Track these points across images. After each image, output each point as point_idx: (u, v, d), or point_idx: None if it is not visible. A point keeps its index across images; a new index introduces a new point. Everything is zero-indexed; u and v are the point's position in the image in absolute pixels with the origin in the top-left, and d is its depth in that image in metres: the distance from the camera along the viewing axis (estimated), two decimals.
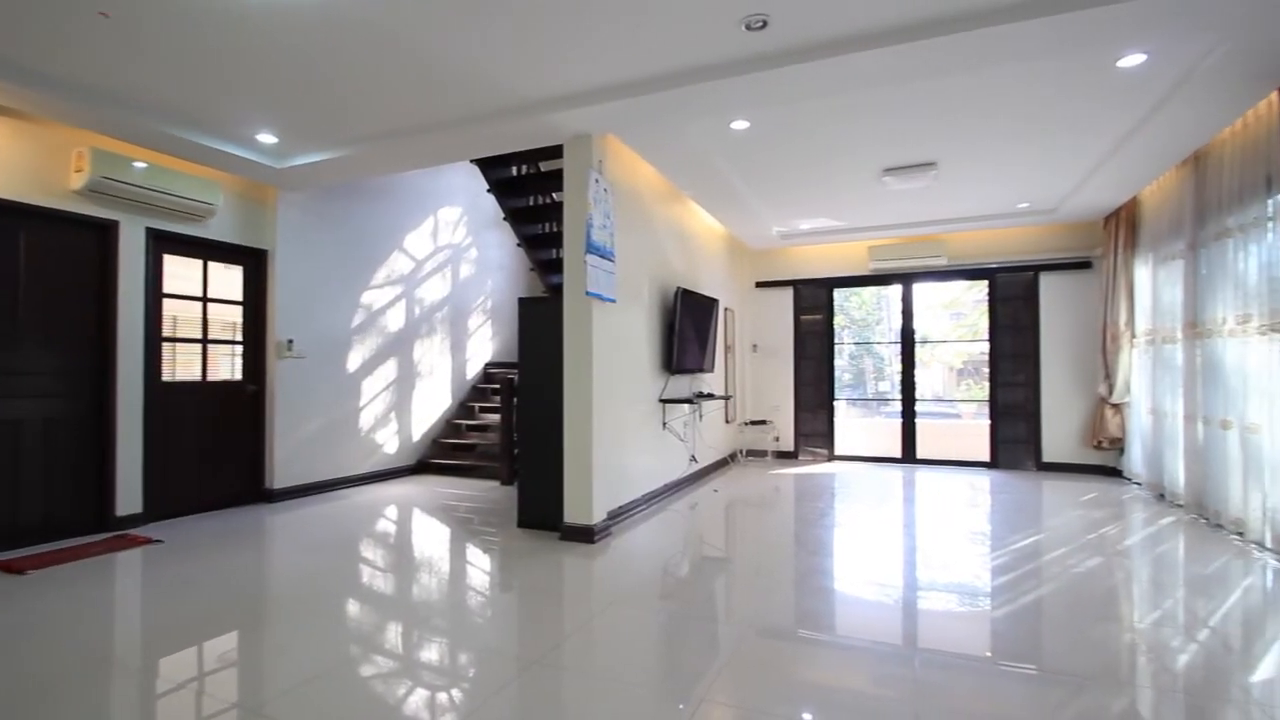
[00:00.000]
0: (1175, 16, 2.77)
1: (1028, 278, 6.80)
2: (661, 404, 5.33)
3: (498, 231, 7.87)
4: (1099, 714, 2.04)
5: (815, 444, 7.71)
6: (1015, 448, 6.88)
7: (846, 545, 4.06)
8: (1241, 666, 2.37)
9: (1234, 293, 4.07)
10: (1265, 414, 3.74)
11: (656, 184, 5.28)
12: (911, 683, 2.24)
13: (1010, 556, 3.74)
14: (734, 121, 4.07)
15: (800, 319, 7.80)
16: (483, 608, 3.07)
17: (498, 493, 5.69)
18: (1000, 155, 4.71)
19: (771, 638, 2.64)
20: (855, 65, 3.19)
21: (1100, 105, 3.83)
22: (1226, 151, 4.14)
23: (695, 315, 5.67)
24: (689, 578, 3.50)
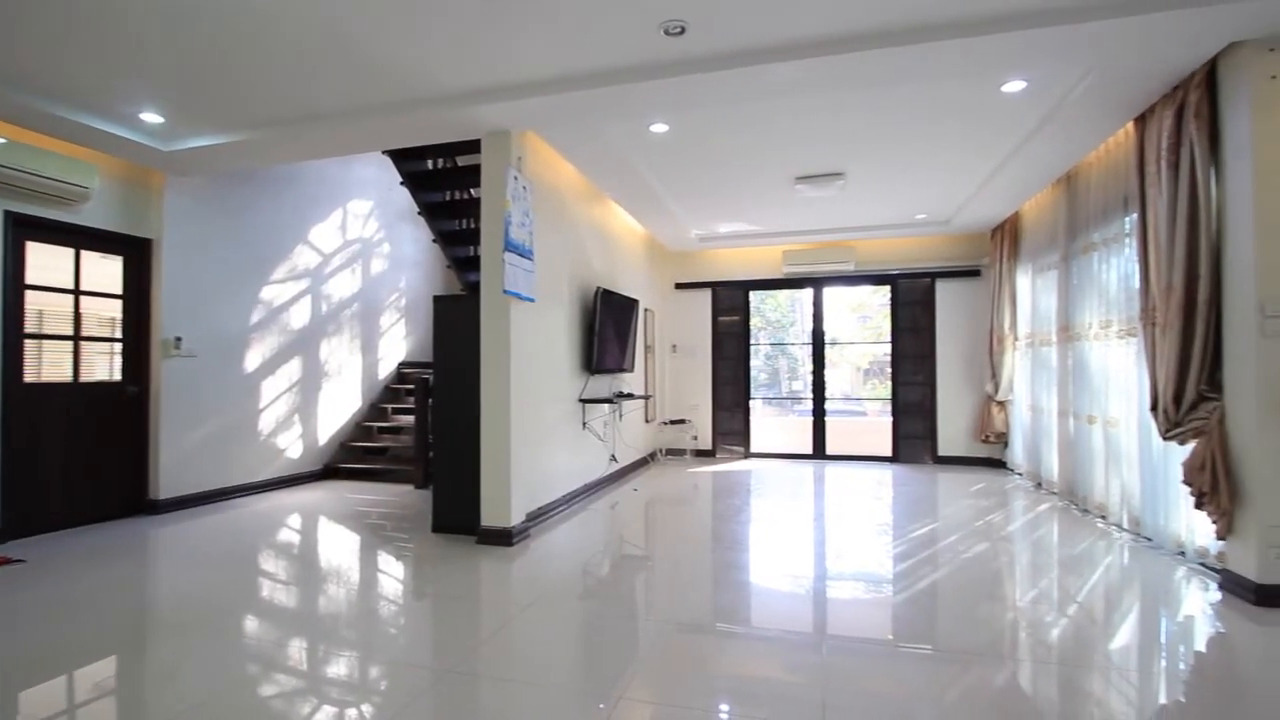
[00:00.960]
0: (1047, 49, 3.05)
1: (926, 284, 7.28)
2: (581, 404, 5.32)
3: (412, 226, 7.59)
4: (984, 687, 2.21)
5: (732, 442, 7.92)
6: (914, 443, 7.35)
7: (761, 539, 4.20)
8: (1103, 636, 2.64)
9: (1098, 301, 4.53)
10: (1123, 410, 4.19)
11: (577, 183, 5.26)
12: (820, 669, 2.35)
13: (909, 545, 3.99)
14: (653, 124, 4.12)
15: (718, 320, 8.00)
16: (394, 617, 2.95)
17: (412, 497, 5.49)
18: (901, 168, 5.02)
19: (690, 632, 2.69)
20: (769, 75, 3.31)
21: (988, 126, 4.16)
22: (1092, 174, 4.60)
23: (616, 315, 5.69)
24: (609, 576, 3.52)
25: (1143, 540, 3.95)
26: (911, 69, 3.25)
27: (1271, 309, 2.92)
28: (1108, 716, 2.04)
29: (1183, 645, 2.62)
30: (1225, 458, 3.10)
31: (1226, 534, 3.12)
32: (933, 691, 2.18)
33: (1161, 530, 3.78)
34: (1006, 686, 2.23)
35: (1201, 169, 3.19)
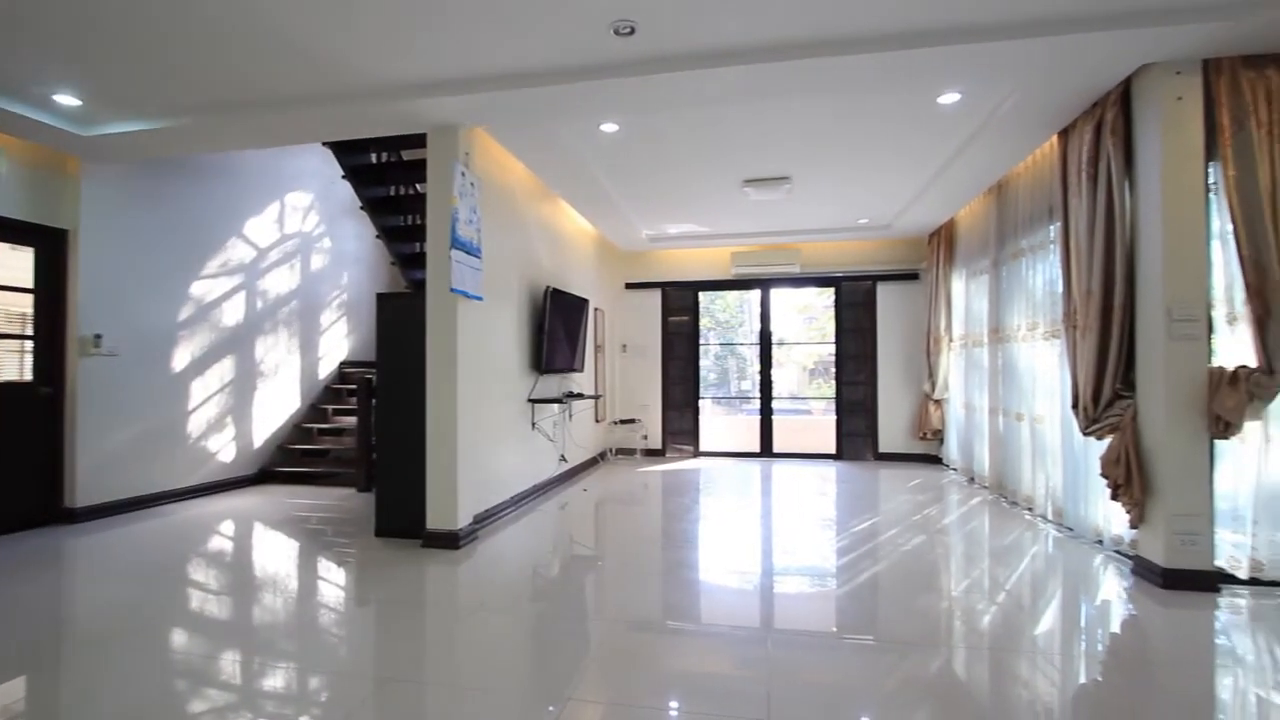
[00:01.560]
0: (978, 64, 3.20)
1: (868, 286, 7.52)
2: (531, 404, 5.27)
3: (355, 221, 7.35)
4: (922, 673, 2.31)
5: (682, 441, 8.00)
6: (857, 440, 7.58)
7: (710, 537, 4.26)
8: (1030, 621, 2.79)
9: (1026, 304, 4.78)
10: (1048, 407, 4.43)
11: (527, 181, 5.21)
12: (766, 662, 2.40)
13: (851, 539, 4.12)
14: (604, 124, 4.12)
15: (668, 320, 8.06)
16: (335, 625, 2.86)
17: (354, 501, 5.32)
18: (844, 173, 5.17)
19: (641, 630, 2.71)
20: (717, 80, 3.35)
21: (925, 135, 4.33)
22: (1021, 183, 4.85)
23: (566, 315, 5.66)
24: (558, 578, 3.50)
25: (1065, 530, 4.19)
26: (853, 78, 3.35)
27: (1178, 314, 3.15)
28: (1034, 697, 2.16)
29: (1100, 628, 2.80)
30: (1137, 452, 3.32)
31: (1139, 523, 3.34)
32: (873, 680, 2.26)
33: (1082, 520, 4.02)
34: (941, 672, 2.33)
35: (1117, 182, 3.41)
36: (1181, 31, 2.89)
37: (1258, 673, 2.35)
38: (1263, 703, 2.14)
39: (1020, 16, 2.88)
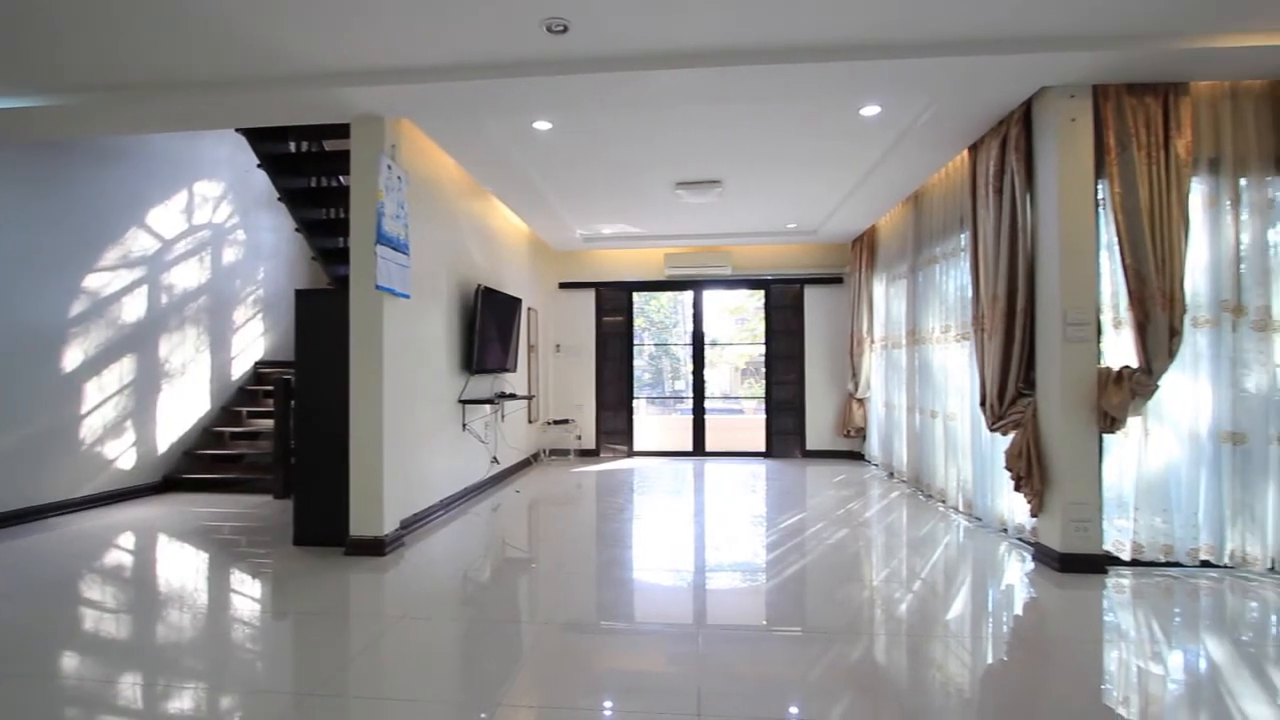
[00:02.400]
0: (895, 79, 3.38)
1: (796, 289, 7.77)
2: (461, 405, 5.15)
3: (272, 213, 6.97)
4: (844, 660, 2.41)
5: (616, 441, 8.02)
6: (786, 438, 7.82)
7: (644, 535, 4.29)
8: (943, 608, 2.96)
9: (939, 308, 5.07)
10: (960, 405, 4.72)
11: (458, 177, 5.09)
12: (697, 657, 2.44)
13: (779, 535, 4.24)
14: (537, 121, 4.08)
15: (602, 320, 8.06)
16: (250, 640, 2.70)
17: (270, 508, 5.05)
18: (774, 179, 5.32)
19: (574, 632, 2.70)
20: (650, 82, 3.38)
21: (849, 145, 4.52)
22: (935, 194, 5.14)
23: (498, 314, 5.57)
24: (490, 581, 3.44)
25: (975, 520, 4.47)
26: (781, 87, 3.46)
27: (1072, 318, 3.42)
28: (946, 678, 2.29)
29: (1004, 611, 3.00)
30: (1037, 446, 3.58)
31: (1038, 512, 3.61)
32: (799, 670, 2.34)
33: (989, 511, 4.30)
34: (863, 659, 2.44)
35: (1019, 195, 3.66)
36: (1073, 58, 3.14)
37: (1138, 645, 2.58)
38: (1142, 672, 2.36)
39: (933, 36, 3.05)
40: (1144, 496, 3.49)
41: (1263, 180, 3.45)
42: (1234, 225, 3.44)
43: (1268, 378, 3.41)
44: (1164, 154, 3.32)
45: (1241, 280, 3.43)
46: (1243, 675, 2.29)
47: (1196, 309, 3.42)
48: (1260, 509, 3.40)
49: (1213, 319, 3.43)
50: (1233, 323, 3.42)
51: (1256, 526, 3.41)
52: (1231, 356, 3.42)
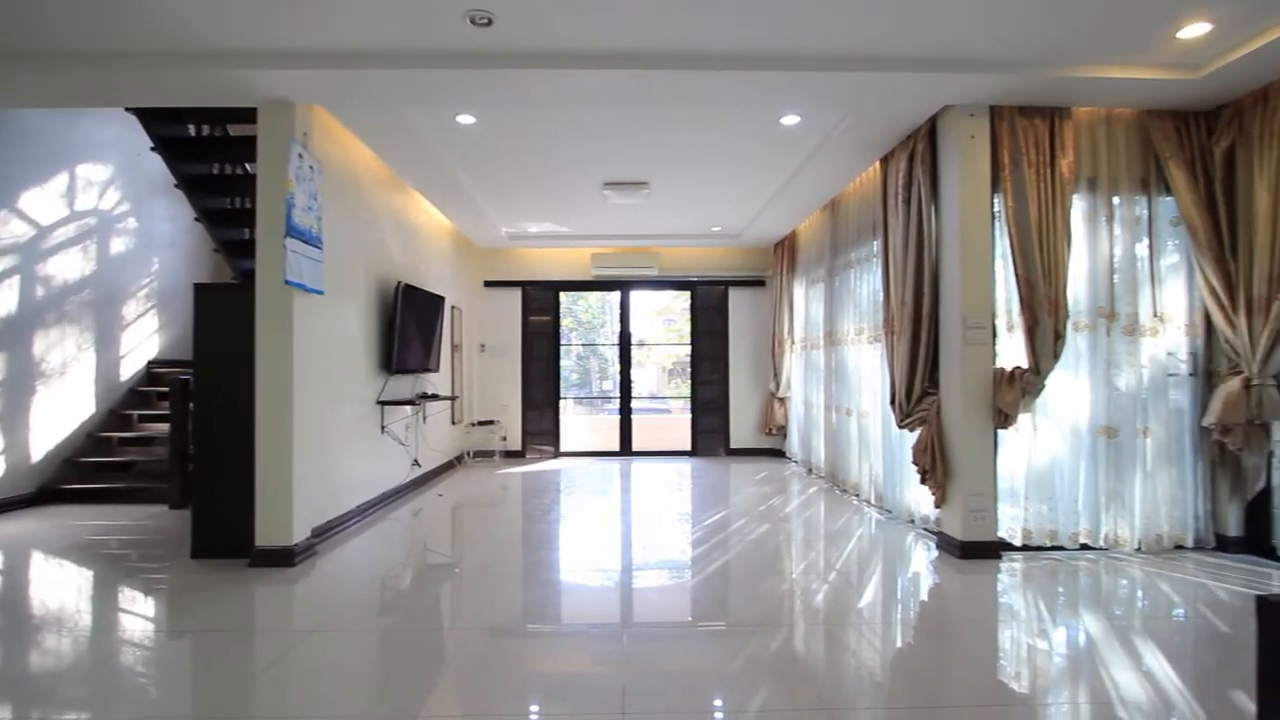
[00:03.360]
0: (812, 91, 3.52)
1: (721, 291, 7.95)
2: (380, 406, 4.96)
3: (168, 201, 6.45)
4: (765, 652, 2.49)
5: (542, 442, 7.93)
6: (711, 437, 7.98)
7: (570, 536, 4.27)
8: (856, 597, 3.11)
9: (854, 311, 5.32)
10: (872, 404, 4.97)
11: (377, 170, 4.89)
12: (622, 656, 2.45)
13: (703, 531, 4.33)
14: (460, 115, 3.98)
15: (529, 320, 7.96)
16: (142, 663, 2.49)
17: (166, 519, 4.68)
18: (699, 183, 5.42)
19: (499, 636, 2.65)
20: (576, 81, 3.38)
21: (771, 152, 4.66)
22: (850, 202, 5.39)
23: (419, 312, 5.40)
24: (411, 588, 3.33)
25: (885, 513, 4.72)
26: (701, 93, 3.53)
27: (971, 322, 3.67)
28: (860, 664, 2.41)
29: (911, 597, 3.18)
30: (941, 441, 3.82)
31: (942, 503, 3.85)
32: (721, 663, 2.40)
33: (898, 504, 4.55)
34: (782, 649, 2.53)
35: (925, 206, 3.90)
36: (973, 79, 3.37)
37: (1027, 623, 2.81)
38: (1031, 648, 2.56)
39: (848, 52, 3.21)
40: (1033, 486, 3.80)
41: (1132, 199, 3.83)
42: (1109, 239, 3.80)
43: (1136, 377, 3.79)
44: (1050, 172, 3.62)
45: (1115, 289, 3.79)
46: (1114, 646, 2.54)
47: (1077, 314, 3.75)
48: (1129, 496, 3.77)
49: (1091, 324, 3.78)
50: (1107, 327, 3.78)
51: (1126, 511, 3.78)
52: (1106, 358, 3.78)
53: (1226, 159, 3.64)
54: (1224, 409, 3.48)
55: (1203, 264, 3.63)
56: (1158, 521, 3.77)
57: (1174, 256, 3.88)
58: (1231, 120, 3.59)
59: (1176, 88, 3.46)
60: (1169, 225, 3.84)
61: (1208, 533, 3.80)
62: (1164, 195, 3.81)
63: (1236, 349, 3.51)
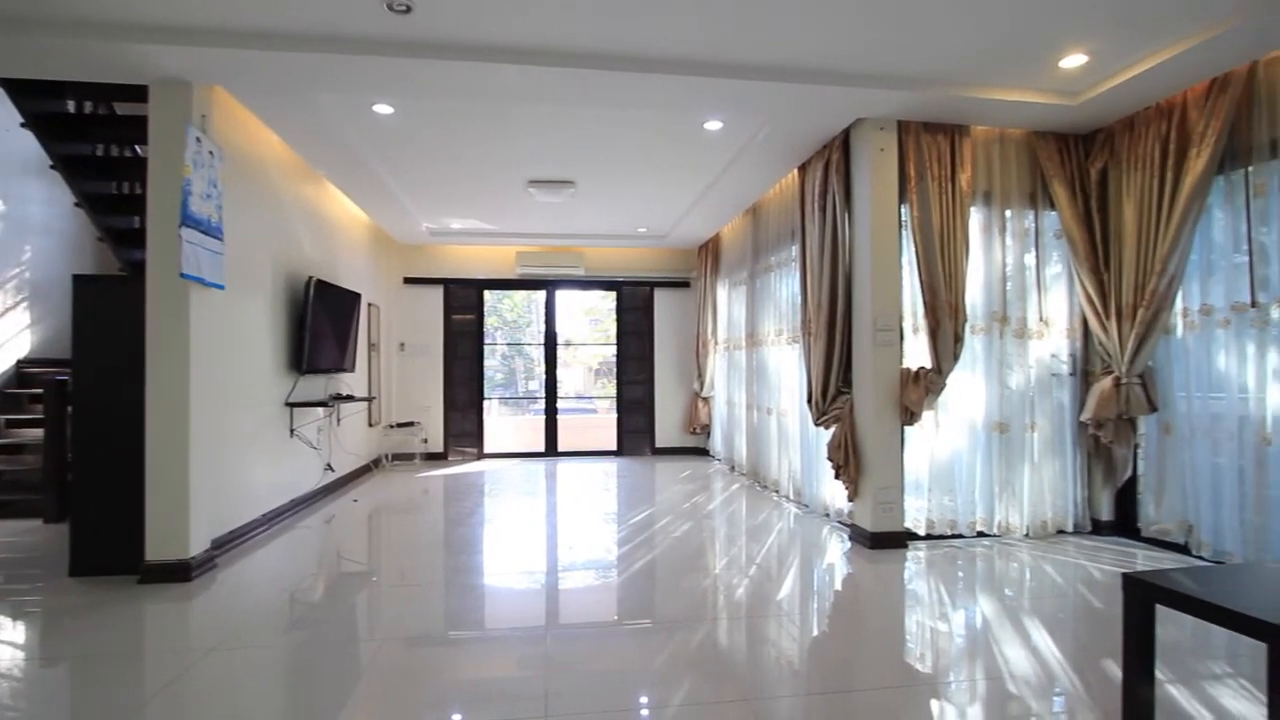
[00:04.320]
0: (735, 97, 3.62)
1: (646, 291, 8.02)
2: (289, 408, 4.69)
3: (43, 183, 5.84)
4: (688, 646, 2.53)
5: (465, 444, 7.74)
6: (637, 437, 8.04)
7: (494, 540, 4.19)
8: (775, 588, 3.22)
9: (774, 312, 5.50)
10: (791, 403, 5.15)
11: (286, 158, 4.62)
12: (546, 659, 2.44)
13: (629, 530, 4.36)
14: (377, 104, 3.82)
15: (451, 318, 7.75)
16: (10, 696, 2.25)
17: (39, 534, 4.24)
18: (625, 184, 5.45)
19: (418, 646, 2.57)
20: (498, 75, 3.32)
21: (695, 156, 4.75)
22: (772, 207, 5.57)
23: (332, 310, 5.15)
24: (322, 600, 3.17)
25: (803, 507, 4.91)
26: (625, 94, 3.56)
27: (880, 324, 3.87)
28: (780, 653, 2.50)
29: (826, 587, 3.33)
30: (853, 438, 4.01)
31: (854, 497, 4.05)
32: (644, 659, 2.43)
33: (815, 498, 4.74)
34: (704, 643, 2.58)
35: (839, 213, 4.09)
36: (882, 95, 3.56)
37: (930, 607, 2.99)
38: (934, 631, 2.74)
39: (768, 61, 3.32)
40: (935, 479, 4.06)
41: (1022, 213, 4.17)
42: (1002, 249, 4.11)
43: (1024, 376, 4.12)
44: (951, 185, 3.88)
45: (1007, 295, 4.11)
46: (1005, 625, 2.75)
47: (974, 319, 4.03)
48: (1019, 486, 4.10)
49: (986, 327, 4.08)
50: (1000, 330, 4.09)
51: (1016, 500, 4.10)
52: (999, 359, 4.09)
53: (1101, 179, 4.02)
54: (1098, 405, 3.84)
55: (1081, 274, 3.99)
56: (1043, 509, 4.11)
57: (1057, 266, 4.24)
58: (1104, 144, 3.97)
59: (1059, 112, 3.79)
60: (1053, 238, 4.20)
61: (1085, 518, 4.18)
62: (1049, 210, 4.16)
63: (1108, 351, 3.88)
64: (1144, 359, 3.68)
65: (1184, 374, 3.60)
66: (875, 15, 2.90)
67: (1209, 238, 3.47)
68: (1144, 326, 3.61)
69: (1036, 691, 2.19)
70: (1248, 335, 3.25)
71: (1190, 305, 3.56)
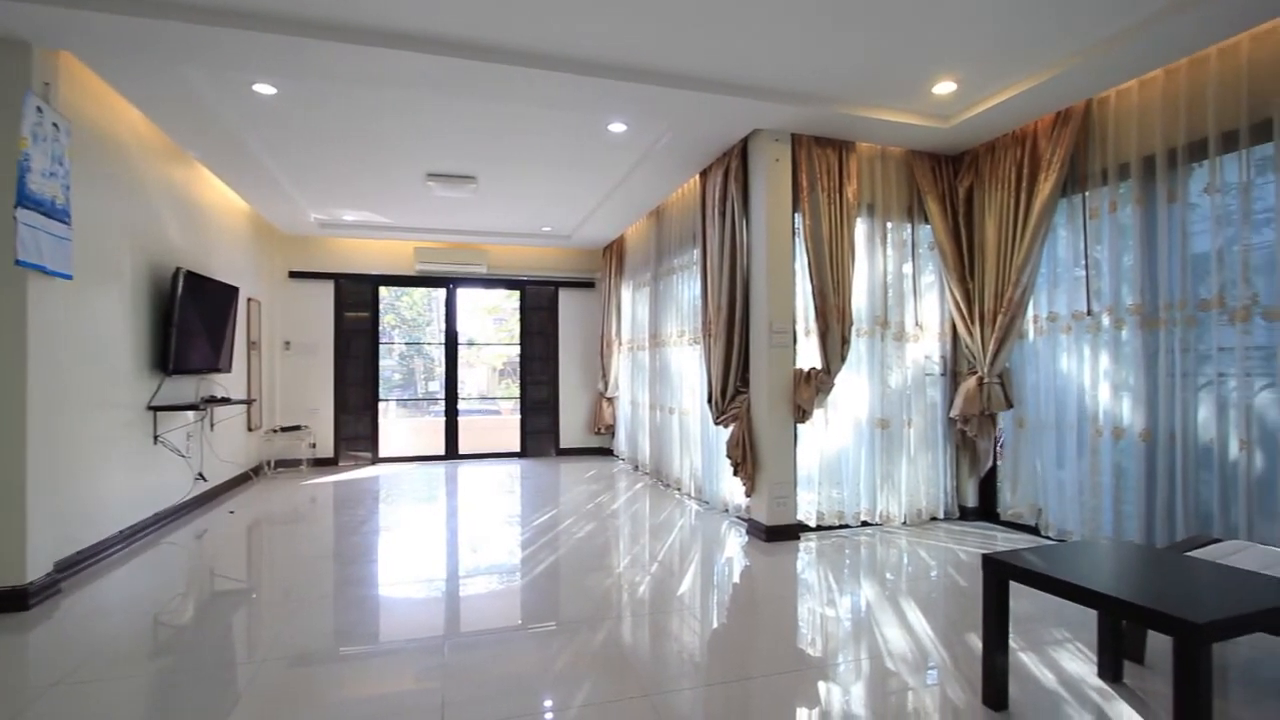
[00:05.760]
0: (637, 101, 3.68)
1: (551, 291, 7.95)
2: (152, 412, 4.25)
3: None
4: (590, 645, 2.54)
5: (358, 448, 7.34)
6: (541, 437, 7.95)
7: (390, 548, 4.01)
8: (677, 584, 3.29)
9: (676, 314, 5.62)
10: (692, 402, 5.29)
11: (151, 137, 4.19)
12: (443, 669, 2.36)
13: (532, 533, 4.31)
14: (258, 84, 3.55)
15: (344, 315, 7.31)
16: None
17: None
18: (529, 182, 5.38)
19: (304, 665, 2.41)
20: (392, 62, 3.18)
21: (601, 157, 4.77)
22: (675, 211, 5.69)
23: (205, 304, 4.72)
24: (193, 622, 2.90)
25: (704, 504, 5.05)
26: (527, 91, 3.52)
27: (776, 326, 4.06)
28: (683, 648, 2.56)
29: (725, 580, 3.44)
30: (750, 436, 4.18)
31: (751, 493, 4.21)
32: (546, 662, 2.41)
33: (715, 495, 4.90)
34: (607, 642, 2.60)
35: (738, 220, 4.24)
36: (777, 108, 3.74)
37: (819, 594, 3.18)
38: (823, 616, 2.91)
39: (671, 68, 3.40)
40: (825, 473, 4.31)
41: (901, 225, 4.50)
42: (883, 258, 4.42)
43: (902, 376, 4.46)
44: (839, 197, 4.13)
45: (888, 301, 4.43)
46: (885, 607, 2.96)
47: (860, 322, 4.32)
48: (898, 478, 4.43)
49: (870, 330, 4.37)
50: (881, 334, 4.40)
51: (895, 491, 4.43)
52: (881, 360, 4.40)
53: (968, 197, 4.42)
54: (964, 402, 4.23)
55: (950, 283, 4.38)
56: (918, 498, 4.47)
57: (931, 276, 4.63)
58: (971, 165, 4.38)
59: (932, 134, 4.13)
60: (927, 249, 4.57)
61: (954, 505, 4.58)
62: (924, 223, 4.52)
63: (973, 353, 4.27)
64: (1003, 360, 4.09)
65: (1035, 374, 4.04)
66: (767, 33, 3.04)
67: (1055, 253, 3.91)
68: (1002, 331, 4.02)
69: (912, 667, 2.38)
70: (1085, 340, 3.70)
71: (1040, 313, 3.99)
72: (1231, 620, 1.57)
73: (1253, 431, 2.94)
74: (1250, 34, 2.92)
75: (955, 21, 2.96)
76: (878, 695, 2.19)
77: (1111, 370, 3.56)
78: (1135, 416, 3.39)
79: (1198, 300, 3.16)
